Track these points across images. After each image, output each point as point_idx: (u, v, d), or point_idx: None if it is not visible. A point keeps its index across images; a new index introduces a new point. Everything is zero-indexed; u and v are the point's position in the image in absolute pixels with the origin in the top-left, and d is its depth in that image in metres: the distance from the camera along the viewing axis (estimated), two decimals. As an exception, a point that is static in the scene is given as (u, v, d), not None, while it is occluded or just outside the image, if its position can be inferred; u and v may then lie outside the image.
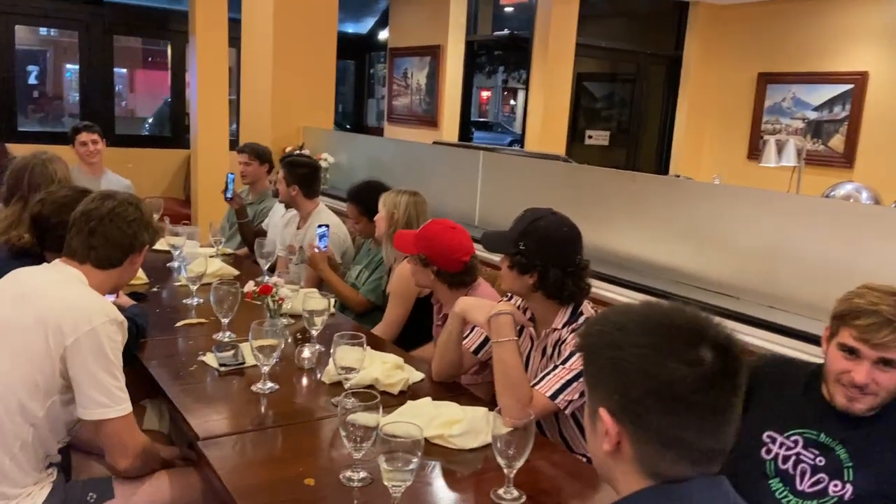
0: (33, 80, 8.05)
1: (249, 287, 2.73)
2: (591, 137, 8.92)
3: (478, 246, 2.34)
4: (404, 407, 1.91)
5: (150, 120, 8.67)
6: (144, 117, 8.74)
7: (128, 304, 2.56)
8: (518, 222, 2.07)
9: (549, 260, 1.99)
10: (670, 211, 2.99)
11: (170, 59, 8.09)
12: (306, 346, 2.30)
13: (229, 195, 4.09)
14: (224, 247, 3.77)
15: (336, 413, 1.79)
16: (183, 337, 2.52)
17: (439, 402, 1.95)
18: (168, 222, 3.56)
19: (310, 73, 5.71)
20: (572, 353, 1.93)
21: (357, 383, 2.00)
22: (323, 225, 3.33)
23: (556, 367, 1.94)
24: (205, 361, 2.25)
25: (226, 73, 6.19)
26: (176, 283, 3.12)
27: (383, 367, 2.13)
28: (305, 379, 2.20)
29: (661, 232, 2.99)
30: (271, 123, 5.66)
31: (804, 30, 7.62)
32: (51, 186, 2.63)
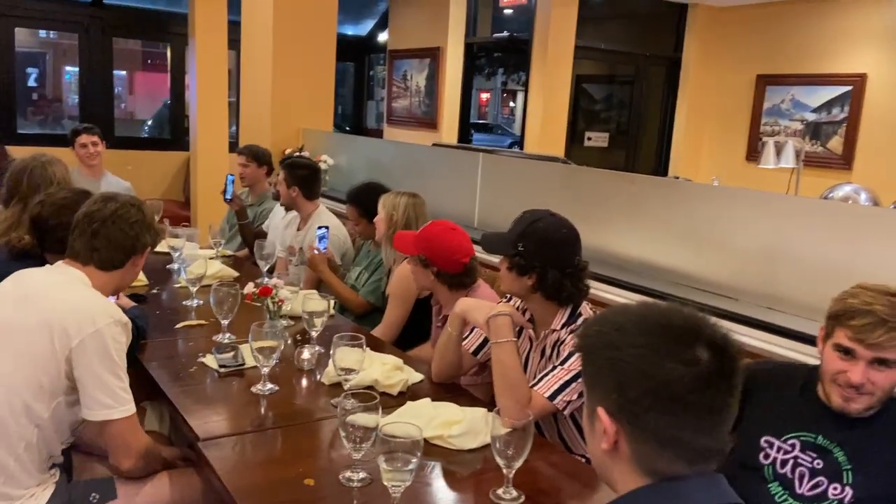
0: (33, 83, 8.06)
1: (249, 289, 2.74)
2: (590, 139, 8.93)
3: (477, 247, 2.35)
4: (404, 408, 1.92)
5: (150, 122, 8.68)
6: (144, 119, 8.75)
7: (128, 305, 2.57)
8: (517, 224, 2.07)
9: (548, 261, 1.99)
10: (669, 212, 2.99)
11: (169, 62, 8.09)
12: (306, 348, 2.31)
13: (228, 196, 4.10)
14: (224, 248, 3.77)
15: (335, 414, 1.80)
16: (183, 338, 2.52)
17: (438, 403, 1.95)
18: (168, 224, 3.57)
19: (309, 75, 5.71)
20: (571, 354, 1.93)
21: (356, 384, 2.01)
22: (323, 227, 3.34)
23: (554, 368, 1.94)
24: (205, 363, 2.26)
25: (225, 75, 6.21)
26: (176, 284, 3.13)
27: (383, 369, 2.14)
28: (305, 380, 2.21)
29: (660, 233, 3.00)
30: (271, 125, 5.66)
31: (803, 32, 7.64)
32: (50, 188, 2.64)
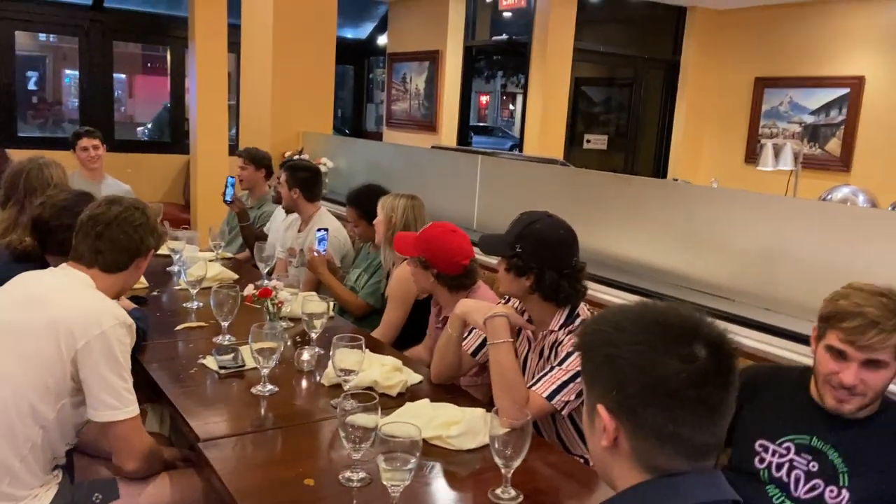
0: (33, 86, 8.08)
1: (249, 290, 2.74)
2: (589, 141, 8.95)
3: (477, 249, 2.36)
4: (403, 408, 1.93)
5: (150, 125, 8.69)
6: (144, 122, 8.76)
7: (129, 307, 2.57)
8: (514, 225, 2.08)
9: (545, 262, 2.00)
10: (667, 214, 3.00)
11: (169, 65, 8.09)
12: (305, 349, 2.32)
13: (228, 199, 4.11)
14: (223, 251, 3.78)
15: (335, 414, 1.80)
16: (183, 340, 2.53)
17: (437, 404, 1.96)
18: (168, 227, 3.57)
19: (309, 78, 5.72)
20: (569, 355, 1.94)
21: (356, 385, 2.01)
22: (322, 229, 3.35)
23: (552, 369, 1.95)
24: (205, 364, 2.27)
25: (225, 78, 6.22)
26: (176, 286, 3.13)
27: (382, 370, 2.15)
28: (305, 381, 2.22)
29: (658, 235, 3.00)
30: (271, 128, 5.67)
31: (801, 34, 7.66)
32: (47, 190, 2.65)
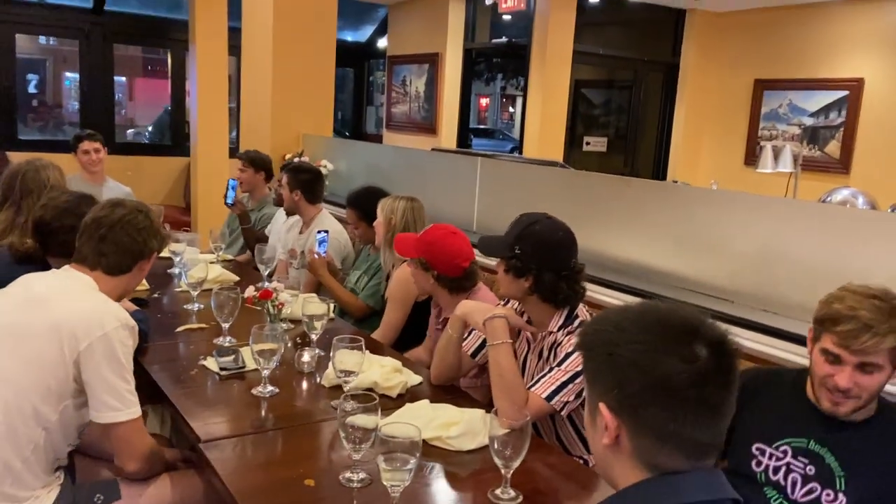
0: (33, 89, 8.08)
1: (249, 292, 2.75)
2: (588, 144, 8.96)
3: (477, 251, 2.36)
4: (402, 409, 1.94)
5: (151, 128, 8.70)
6: (144, 125, 8.77)
7: (130, 309, 2.57)
8: (513, 227, 2.08)
9: (544, 264, 2.00)
10: (667, 216, 3.01)
11: (170, 68, 8.11)
12: (306, 350, 2.32)
13: (230, 201, 4.12)
14: (224, 253, 3.79)
15: (335, 415, 1.81)
16: (184, 342, 2.54)
17: (437, 405, 1.97)
18: (168, 229, 3.58)
19: (309, 80, 5.73)
20: (568, 355, 1.95)
21: (356, 386, 2.02)
22: (322, 231, 3.36)
23: (551, 370, 1.96)
24: (206, 366, 2.27)
25: (225, 81, 6.23)
26: (177, 288, 3.14)
27: (382, 371, 2.15)
28: (305, 382, 2.23)
29: (658, 236, 3.01)
30: (271, 131, 5.68)
31: (800, 37, 7.67)
32: (43, 192, 2.65)
